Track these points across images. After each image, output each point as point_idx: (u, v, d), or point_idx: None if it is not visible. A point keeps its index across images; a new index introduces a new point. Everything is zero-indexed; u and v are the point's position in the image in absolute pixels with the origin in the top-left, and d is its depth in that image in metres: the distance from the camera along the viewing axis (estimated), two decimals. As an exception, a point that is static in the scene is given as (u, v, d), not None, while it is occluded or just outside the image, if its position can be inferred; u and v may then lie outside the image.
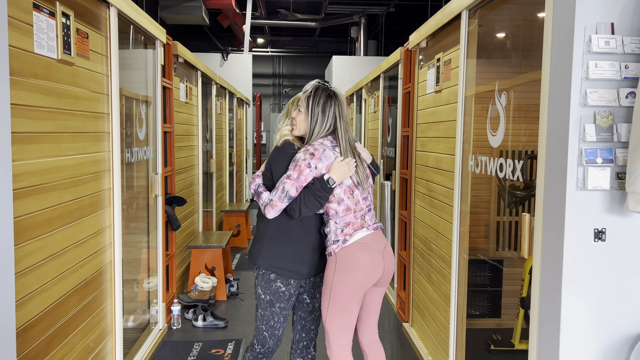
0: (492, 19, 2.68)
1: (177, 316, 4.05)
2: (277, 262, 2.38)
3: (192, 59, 4.72)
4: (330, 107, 2.34)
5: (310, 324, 2.57)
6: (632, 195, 1.57)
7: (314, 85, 2.38)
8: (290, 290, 2.41)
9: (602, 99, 1.65)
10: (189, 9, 8.31)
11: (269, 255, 2.39)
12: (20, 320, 1.89)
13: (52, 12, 2.10)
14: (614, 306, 1.72)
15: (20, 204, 1.88)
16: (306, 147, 2.31)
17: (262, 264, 2.40)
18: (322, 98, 2.34)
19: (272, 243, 2.39)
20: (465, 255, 2.86)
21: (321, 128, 2.34)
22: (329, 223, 2.36)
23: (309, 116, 2.34)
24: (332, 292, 2.32)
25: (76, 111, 2.35)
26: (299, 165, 2.27)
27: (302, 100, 2.38)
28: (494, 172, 2.47)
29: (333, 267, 2.32)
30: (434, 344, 3.32)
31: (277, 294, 2.40)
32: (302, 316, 2.55)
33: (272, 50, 16.99)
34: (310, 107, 2.34)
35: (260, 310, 2.45)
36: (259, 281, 2.42)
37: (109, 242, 2.77)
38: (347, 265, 2.30)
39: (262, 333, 2.46)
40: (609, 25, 1.65)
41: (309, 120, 2.34)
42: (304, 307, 2.54)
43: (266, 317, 2.43)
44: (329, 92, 2.36)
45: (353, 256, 2.30)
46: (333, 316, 2.34)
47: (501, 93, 2.44)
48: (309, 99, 2.35)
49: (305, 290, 2.50)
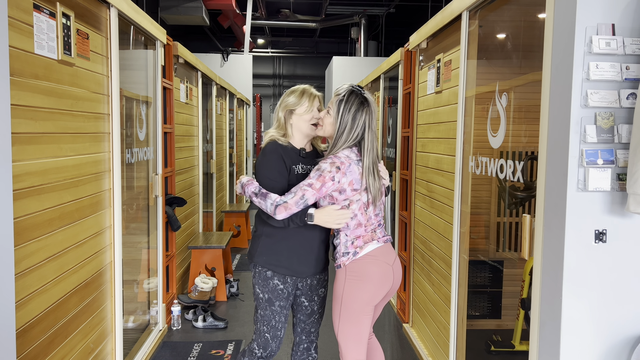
0: (493, 19, 2.67)
1: (177, 317, 4.05)
2: (274, 260, 2.36)
3: (192, 60, 4.72)
4: (361, 116, 2.26)
5: (310, 326, 2.55)
6: (633, 196, 1.56)
7: (348, 89, 2.29)
8: (288, 289, 2.39)
9: (603, 100, 1.65)
10: (190, 10, 8.30)
11: (265, 253, 2.37)
12: (20, 321, 1.89)
13: (52, 12, 2.10)
14: (614, 307, 1.72)
15: (20, 204, 1.88)
16: (332, 158, 2.24)
17: (258, 262, 2.38)
18: (354, 105, 2.25)
19: (269, 240, 2.37)
20: (466, 256, 2.86)
21: (348, 136, 2.26)
22: (339, 235, 2.33)
23: (338, 121, 2.27)
24: (342, 305, 2.30)
25: (76, 112, 2.35)
26: (323, 176, 2.22)
27: (333, 104, 2.30)
28: (494, 173, 2.47)
29: (343, 280, 2.30)
30: (434, 344, 3.32)
31: (276, 292, 2.37)
32: (302, 319, 2.53)
33: (273, 51, 17.00)
34: (341, 112, 2.26)
35: (260, 311, 2.42)
36: (257, 279, 2.40)
37: (109, 243, 2.77)
38: (358, 277, 2.27)
39: (264, 335, 2.42)
40: (609, 26, 1.64)
41: (337, 125, 2.28)
42: (302, 310, 2.52)
43: (267, 316, 2.40)
44: (362, 98, 2.28)
45: (363, 269, 2.28)
46: (344, 329, 2.32)
47: (502, 94, 2.44)
48: (341, 104, 2.27)
49: (302, 292, 2.48)
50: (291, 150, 2.40)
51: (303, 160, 2.42)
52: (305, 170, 2.41)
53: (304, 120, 2.38)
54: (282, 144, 2.39)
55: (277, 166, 2.34)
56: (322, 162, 2.25)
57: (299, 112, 2.38)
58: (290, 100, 2.40)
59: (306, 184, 2.23)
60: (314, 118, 2.38)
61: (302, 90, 2.42)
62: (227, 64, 10.63)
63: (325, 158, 2.27)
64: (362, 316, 2.30)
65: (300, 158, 2.41)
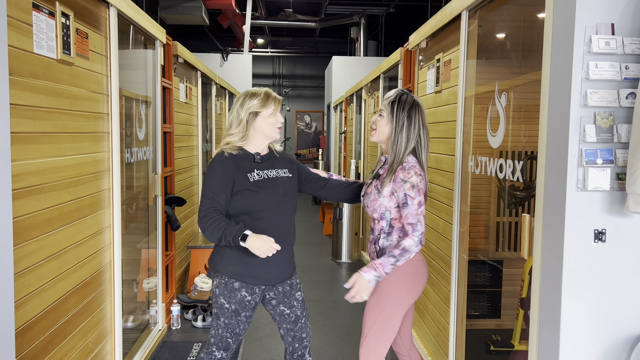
0: (492, 19, 2.67)
1: (177, 316, 4.04)
2: (241, 270, 2.28)
3: (192, 59, 4.72)
4: (415, 114, 2.26)
5: (301, 332, 2.48)
6: (632, 196, 1.56)
7: (397, 91, 2.30)
8: (255, 299, 2.33)
9: (602, 100, 1.65)
10: (189, 9, 8.30)
11: (232, 263, 2.29)
12: (19, 320, 1.89)
13: (51, 12, 2.09)
14: (614, 307, 1.72)
15: (19, 204, 1.88)
16: (414, 168, 2.21)
17: (224, 272, 2.30)
18: (406, 104, 2.26)
19: (235, 250, 2.27)
20: (465, 256, 2.86)
21: (408, 136, 2.24)
22: (390, 236, 2.27)
23: (394, 120, 2.25)
24: (389, 305, 2.24)
25: (76, 111, 2.35)
26: (421, 188, 2.19)
27: (385, 107, 2.29)
28: (493, 172, 2.47)
29: (392, 282, 2.24)
30: (433, 344, 3.32)
31: (243, 303, 2.30)
32: (290, 328, 2.46)
33: (272, 51, 17.00)
34: (395, 111, 2.25)
35: (224, 319, 2.32)
36: (222, 290, 2.30)
37: (108, 243, 2.77)
38: (412, 277, 2.25)
39: (226, 340, 2.35)
40: (609, 26, 1.64)
41: (394, 124, 2.25)
42: (286, 319, 2.45)
43: (231, 325, 2.32)
44: (412, 98, 2.29)
45: (416, 268, 2.26)
46: (384, 328, 2.25)
47: (501, 93, 2.44)
48: (393, 105, 2.26)
49: (279, 301, 2.42)
50: (244, 158, 2.32)
51: (258, 165, 2.35)
52: (261, 176, 2.33)
53: (269, 124, 2.33)
54: (233, 154, 2.31)
55: (222, 181, 2.26)
56: (407, 176, 2.19)
57: (265, 115, 2.32)
58: (254, 102, 2.32)
59: (415, 208, 2.16)
60: (279, 122, 2.34)
61: (267, 93, 2.36)
62: (226, 64, 10.63)
63: (403, 170, 2.21)
64: (401, 318, 2.28)
65: (255, 164, 2.34)
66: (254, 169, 2.32)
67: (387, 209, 2.26)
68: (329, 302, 4.76)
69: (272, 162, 2.41)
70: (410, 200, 2.17)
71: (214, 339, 2.37)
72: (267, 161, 2.40)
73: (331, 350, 3.65)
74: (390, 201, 2.25)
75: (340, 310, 4.52)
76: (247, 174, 2.29)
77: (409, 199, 2.17)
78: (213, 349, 2.38)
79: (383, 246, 2.29)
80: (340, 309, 4.55)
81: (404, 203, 2.18)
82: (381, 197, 2.27)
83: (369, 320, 2.29)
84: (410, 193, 2.17)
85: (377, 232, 2.32)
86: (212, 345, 2.38)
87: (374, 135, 2.35)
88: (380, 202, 2.27)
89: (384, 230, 2.29)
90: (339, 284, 5.41)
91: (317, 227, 8.56)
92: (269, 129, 2.34)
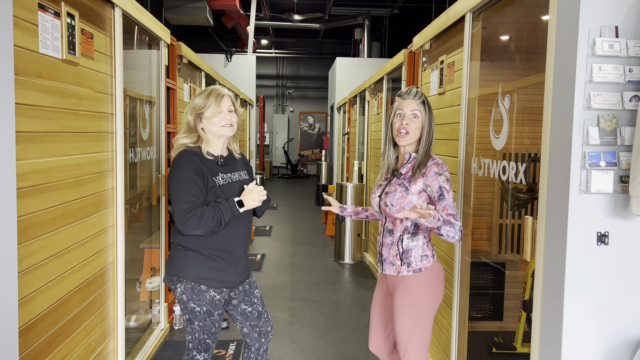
0: (496, 21, 2.67)
1: (179, 316, 4.05)
2: (205, 273, 2.23)
3: (196, 60, 4.73)
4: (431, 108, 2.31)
5: (266, 327, 2.49)
6: (635, 198, 1.56)
7: (416, 89, 2.27)
8: (224, 297, 2.30)
9: (605, 102, 1.65)
10: (194, 10, 8.33)
11: (195, 267, 2.23)
12: (22, 318, 1.89)
13: (57, 12, 2.11)
14: (616, 310, 1.71)
15: (23, 203, 1.89)
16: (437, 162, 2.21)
17: (188, 277, 2.22)
18: (426, 99, 2.28)
19: (197, 254, 2.23)
20: (468, 258, 2.85)
21: (432, 131, 2.26)
22: (416, 237, 2.23)
23: (428, 120, 2.24)
24: (422, 311, 2.19)
25: (80, 111, 2.36)
26: (450, 180, 2.18)
27: (418, 105, 2.24)
28: (497, 174, 2.47)
29: (423, 284, 2.20)
30: (436, 346, 3.31)
31: (213, 303, 2.26)
32: (254, 324, 2.46)
33: (276, 52, 17.03)
34: (427, 111, 2.25)
35: (198, 323, 2.27)
36: (189, 295, 2.23)
37: (111, 242, 2.78)
38: (437, 279, 2.23)
39: (205, 342, 2.32)
40: (613, 29, 1.64)
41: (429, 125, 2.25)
42: (249, 316, 2.44)
43: (207, 327, 2.29)
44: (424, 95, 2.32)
45: (439, 269, 2.25)
46: (421, 336, 2.21)
47: (504, 95, 2.44)
48: (424, 104, 2.25)
49: (240, 300, 2.40)
50: (208, 161, 2.24)
51: (222, 169, 2.27)
52: (225, 180, 2.26)
53: (214, 123, 2.23)
54: (197, 153, 2.22)
55: (196, 180, 2.16)
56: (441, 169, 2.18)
57: (207, 115, 2.23)
58: (196, 102, 2.24)
59: (452, 200, 2.13)
60: (224, 119, 2.24)
61: (209, 91, 2.26)
62: (230, 65, 10.66)
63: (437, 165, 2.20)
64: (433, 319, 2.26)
65: (219, 167, 2.26)
66: (219, 172, 2.26)
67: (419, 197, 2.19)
68: (331, 302, 4.76)
69: (232, 165, 2.35)
70: (446, 193, 2.13)
71: (192, 343, 2.33)
72: (229, 164, 2.33)
73: (333, 352, 3.65)
74: (419, 199, 2.18)
75: (342, 312, 4.52)
76: (213, 177, 2.23)
77: (444, 191, 2.13)
78: (194, 354, 2.34)
79: (408, 247, 2.22)
80: (343, 310, 4.55)
81: (440, 195, 2.13)
82: (410, 195, 2.19)
83: (405, 330, 2.21)
84: (446, 186, 2.14)
85: (398, 233, 2.24)
86: (191, 351, 2.34)
87: (406, 138, 2.23)
88: (408, 200, 2.18)
89: (409, 230, 2.22)
90: (341, 285, 5.41)
91: (319, 228, 8.56)
92: (216, 128, 2.24)
